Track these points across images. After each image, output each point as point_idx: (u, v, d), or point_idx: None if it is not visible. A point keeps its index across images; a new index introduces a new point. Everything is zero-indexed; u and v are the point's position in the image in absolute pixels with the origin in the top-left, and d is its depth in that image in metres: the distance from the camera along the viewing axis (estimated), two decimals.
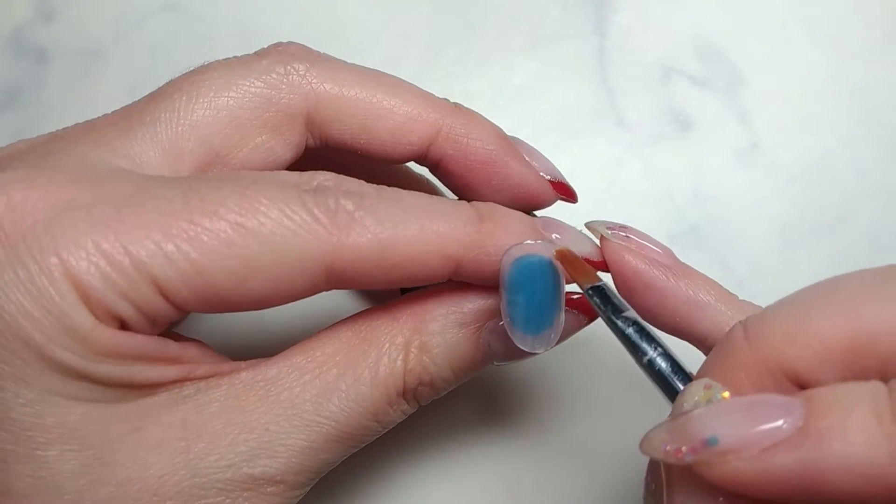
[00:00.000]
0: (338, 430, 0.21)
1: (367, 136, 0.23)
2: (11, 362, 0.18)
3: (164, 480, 0.19)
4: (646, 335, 0.19)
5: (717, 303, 0.22)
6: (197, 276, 0.18)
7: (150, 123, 0.21)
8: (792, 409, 0.16)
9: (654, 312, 0.22)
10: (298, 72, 0.23)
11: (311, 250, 0.19)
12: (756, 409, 0.16)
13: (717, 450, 0.16)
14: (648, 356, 0.19)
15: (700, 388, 0.17)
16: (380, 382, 0.21)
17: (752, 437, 0.16)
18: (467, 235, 0.21)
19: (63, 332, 0.18)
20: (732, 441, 0.16)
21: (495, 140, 0.24)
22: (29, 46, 0.34)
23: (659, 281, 0.22)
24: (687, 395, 0.18)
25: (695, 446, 0.16)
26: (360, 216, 0.20)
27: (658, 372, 0.18)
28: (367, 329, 0.22)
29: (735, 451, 0.16)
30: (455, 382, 0.23)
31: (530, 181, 0.24)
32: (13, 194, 0.18)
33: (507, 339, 0.21)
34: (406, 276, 0.21)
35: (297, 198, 0.19)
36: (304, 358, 0.21)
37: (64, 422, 0.18)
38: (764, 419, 0.16)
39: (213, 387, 0.20)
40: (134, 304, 0.18)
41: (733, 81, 0.34)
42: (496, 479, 0.29)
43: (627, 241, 0.23)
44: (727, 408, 0.17)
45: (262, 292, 0.19)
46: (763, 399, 0.17)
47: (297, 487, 0.21)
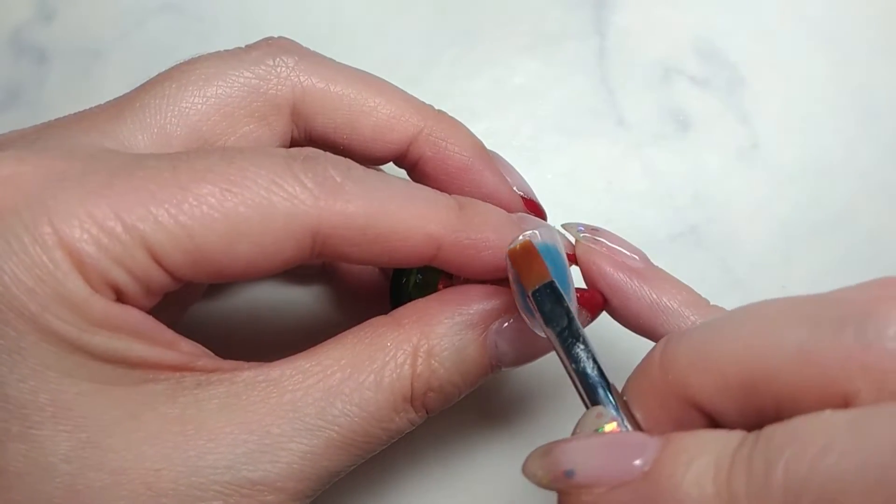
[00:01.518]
0: (341, 436, 0.20)
1: (350, 132, 0.24)
2: (6, 335, 0.18)
3: (159, 475, 0.19)
4: (575, 344, 0.19)
5: (680, 308, 0.22)
6: (188, 240, 0.18)
7: (139, 109, 0.22)
8: (647, 450, 0.16)
9: (620, 314, 0.23)
10: (287, 64, 0.23)
11: (298, 215, 0.19)
12: (614, 447, 0.17)
13: (572, 482, 0.17)
14: (574, 366, 0.19)
15: (593, 416, 0.18)
16: (385, 387, 0.21)
17: (604, 474, 0.16)
18: (449, 219, 0.21)
19: (58, 301, 0.18)
20: (586, 476, 0.17)
21: (473, 149, 0.25)
22: (29, 46, 0.34)
23: (623, 284, 0.22)
24: (582, 420, 0.18)
25: (556, 476, 0.17)
26: (348, 186, 0.20)
27: (582, 383, 0.19)
28: (373, 335, 0.21)
29: (587, 486, 0.17)
30: (464, 388, 0.22)
31: (502, 193, 0.25)
32: (3, 169, 0.18)
33: (514, 339, 0.21)
34: (389, 250, 0.21)
35: (286, 165, 0.20)
36: (309, 362, 0.21)
37: (58, 399, 0.18)
38: (618, 458, 0.17)
39: (215, 382, 0.20)
40: (128, 270, 0.18)
41: (733, 81, 0.34)
42: (496, 479, 0.29)
43: (597, 243, 0.23)
44: (591, 444, 0.17)
45: (251, 256, 0.19)
46: (624, 438, 0.17)
47: (297, 497, 0.20)
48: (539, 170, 0.32)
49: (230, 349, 0.22)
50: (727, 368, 0.17)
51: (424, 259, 0.21)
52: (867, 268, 0.31)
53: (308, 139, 0.24)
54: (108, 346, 0.18)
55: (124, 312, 0.19)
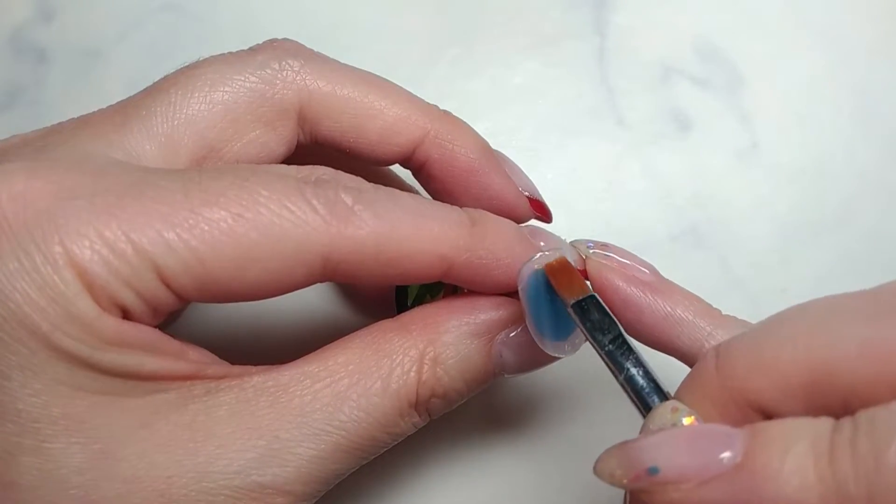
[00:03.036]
0: (348, 441, 0.20)
1: (357, 135, 0.23)
2: (18, 352, 0.18)
3: (171, 482, 0.19)
4: (625, 352, 0.19)
5: (695, 319, 0.22)
6: (198, 264, 0.18)
7: (146, 117, 0.22)
8: (734, 442, 0.16)
9: (635, 328, 0.22)
10: (293, 68, 0.23)
11: (309, 241, 0.19)
12: (699, 441, 0.17)
13: (657, 479, 0.16)
14: (624, 374, 0.19)
15: (668, 410, 0.18)
16: (392, 393, 0.21)
17: (691, 470, 0.16)
18: (460, 237, 0.21)
19: (68, 321, 0.18)
20: (672, 472, 0.16)
21: (479, 150, 0.25)
22: (29, 46, 0.34)
23: (636, 298, 0.22)
24: (654, 416, 0.18)
25: (638, 474, 0.17)
26: (359, 209, 0.20)
27: (634, 390, 0.19)
28: (381, 340, 0.21)
29: (674, 482, 0.16)
30: (467, 395, 0.22)
31: (508, 195, 0.25)
32: (15, 184, 0.18)
33: (519, 349, 0.22)
34: (400, 272, 0.21)
35: (297, 189, 0.19)
36: (317, 367, 0.21)
37: (70, 413, 0.18)
38: (705, 452, 0.16)
39: (224, 389, 0.20)
40: (136, 291, 0.18)
41: (733, 81, 0.34)
42: (496, 479, 0.29)
43: (608, 259, 0.23)
44: (673, 438, 0.17)
45: (261, 281, 0.19)
46: (708, 430, 0.17)
47: (304, 499, 0.20)
48: (539, 170, 0.32)
49: (236, 346, 0.22)
50: (788, 370, 0.17)
51: (435, 277, 0.21)
52: (867, 268, 0.31)
53: (314, 143, 0.24)
54: (119, 363, 0.19)
55: (133, 329, 0.19)
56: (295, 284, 0.20)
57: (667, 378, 0.19)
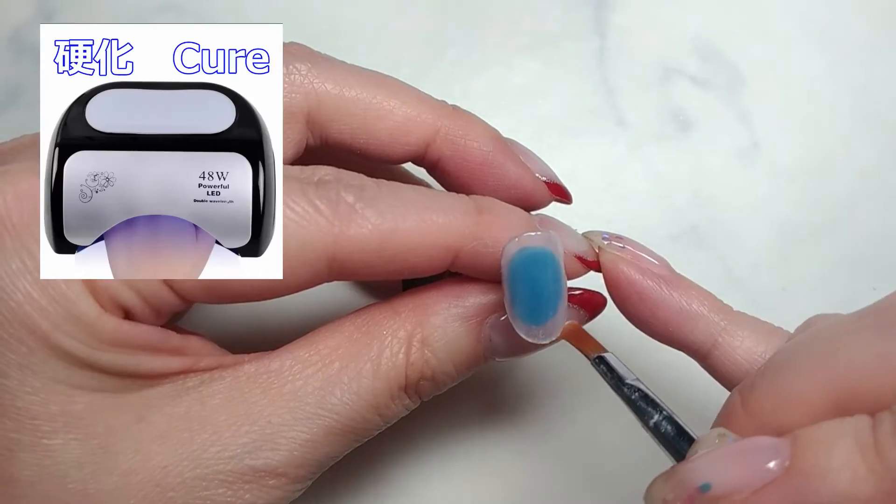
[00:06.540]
0: (340, 423, 0.21)
1: (367, 136, 0.23)
2: (17, 350, 0.18)
3: (167, 471, 0.19)
4: (650, 400, 0.20)
5: (710, 313, 0.22)
6: None
7: None
8: (780, 450, 0.16)
9: (648, 322, 0.22)
10: (300, 71, 0.23)
11: (314, 241, 0.19)
12: (746, 453, 0.17)
13: (709, 496, 0.17)
14: (654, 419, 0.19)
15: (714, 437, 0.18)
16: (382, 375, 0.21)
17: (742, 481, 0.16)
18: (466, 227, 0.21)
19: (69, 321, 0.18)
20: (724, 486, 0.17)
21: (492, 141, 0.24)
22: (29, 46, 0.34)
23: (652, 291, 0.22)
24: (702, 442, 0.18)
25: (690, 494, 0.17)
26: (361, 208, 0.20)
27: (664, 434, 0.19)
28: (370, 323, 0.22)
29: (727, 495, 0.16)
30: (457, 377, 0.23)
31: (526, 182, 0.25)
32: (19, 184, 0.18)
33: (509, 334, 0.21)
34: (406, 267, 0.21)
35: (300, 190, 0.20)
36: (308, 351, 0.21)
37: (69, 410, 0.19)
38: (753, 462, 0.17)
39: (217, 379, 0.20)
40: (139, 292, 0.19)
41: (733, 81, 0.34)
42: (496, 479, 0.29)
43: (623, 251, 0.23)
44: (719, 454, 0.17)
45: (265, 283, 0.20)
46: (753, 443, 0.17)
47: (298, 481, 0.21)
48: None
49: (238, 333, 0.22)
50: (813, 400, 0.17)
51: (443, 268, 0.21)
52: (867, 268, 0.31)
53: (324, 145, 0.24)
54: (117, 362, 0.19)
55: (133, 329, 0.19)
56: (301, 285, 0.20)
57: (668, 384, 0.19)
